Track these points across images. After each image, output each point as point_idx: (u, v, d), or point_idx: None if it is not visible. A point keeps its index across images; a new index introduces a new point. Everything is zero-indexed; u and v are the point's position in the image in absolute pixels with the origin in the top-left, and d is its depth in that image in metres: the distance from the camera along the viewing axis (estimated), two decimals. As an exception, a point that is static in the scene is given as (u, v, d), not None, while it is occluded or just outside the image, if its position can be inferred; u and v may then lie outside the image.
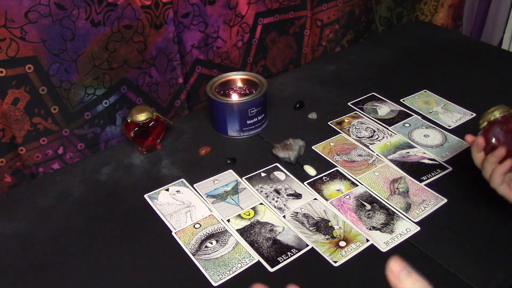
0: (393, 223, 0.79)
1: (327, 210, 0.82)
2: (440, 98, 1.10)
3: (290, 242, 0.76)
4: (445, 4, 1.49)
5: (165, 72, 1.04)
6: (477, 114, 1.04)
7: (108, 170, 0.93)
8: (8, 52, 0.82)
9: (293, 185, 0.88)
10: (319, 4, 1.23)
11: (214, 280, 0.71)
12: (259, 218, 0.81)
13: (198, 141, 1.00)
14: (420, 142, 0.97)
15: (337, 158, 0.94)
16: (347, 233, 0.78)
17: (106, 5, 0.89)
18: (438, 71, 1.22)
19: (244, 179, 0.90)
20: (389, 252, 0.74)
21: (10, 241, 0.79)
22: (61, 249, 0.78)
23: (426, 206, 0.82)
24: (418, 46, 1.34)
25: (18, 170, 0.93)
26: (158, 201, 0.86)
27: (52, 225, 0.82)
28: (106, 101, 0.98)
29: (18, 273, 0.74)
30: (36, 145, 0.93)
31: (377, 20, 1.41)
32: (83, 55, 0.90)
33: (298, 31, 1.23)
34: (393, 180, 0.88)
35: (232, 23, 1.10)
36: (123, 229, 0.81)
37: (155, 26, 0.97)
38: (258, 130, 1.02)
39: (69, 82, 0.91)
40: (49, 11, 0.83)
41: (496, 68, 1.22)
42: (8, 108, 0.86)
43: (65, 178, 0.92)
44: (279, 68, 1.26)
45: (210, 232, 0.79)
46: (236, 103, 0.98)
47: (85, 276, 0.73)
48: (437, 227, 0.79)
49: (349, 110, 1.07)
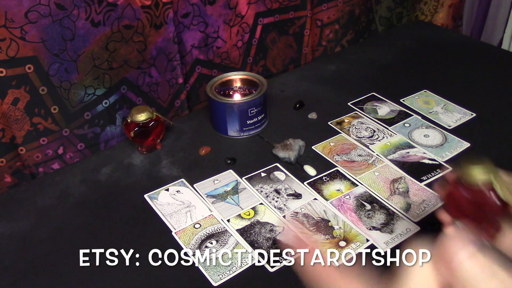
0: (393, 223, 0.79)
1: (327, 210, 0.82)
2: (440, 98, 1.10)
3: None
4: (445, 4, 1.49)
5: (165, 72, 1.04)
6: (477, 114, 1.04)
7: (108, 170, 0.93)
8: (8, 52, 0.82)
9: (293, 185, 0.88)
10: (319, 4, 1.23)
11: (214, 280, 0.71)
12: (259, 218, 0.81)
13: (198, 141, 1.00)
14: (420, 142, 0.97)
15: (337, 158, 0.94)
16: (347, 233, 0.78)
17: (106, 5, 0.89)
18: (438, 71, 1.22)
19: (244, 179, 0.90)
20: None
21: (10, 241, 0.79)
22: (61, 249, 0.78)
23: (426, 206, 0.82)
24: (418, 46, 1.34)
25: (18, 170, 0.93)
26: (158, 201, 0.86)
27: (52, 225, 0.82)
28: (106, 101, 0.98)
29: (18, 273, 0.74)
30: (36, 145, 0.93)
31: (377, 20, 1.41)
32: (83, 55, 0.90)
33: (298, 31, 1.23)
34: (393, 180, 0.88)
35: (232, 23, 1.10)
36: (123, 229, 0.81)
37: (155, 26, 0.97)
38: (258, 130, 1.02)
39: (69, 82, 0.91)
40: (49, 11, 0.83)
41: (496, 68, 1.22)
42: (8, 108, 0.86)
43: (65, 178, 0.92)
44: (279, 68, 1.26)
45: (210, 232, 0.79)
46: (236, 103, 0.98)
47: (85, 276, 0.73)
48: (437, 227, 0.78)
49: (349, 110, 1.07)
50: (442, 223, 0.54)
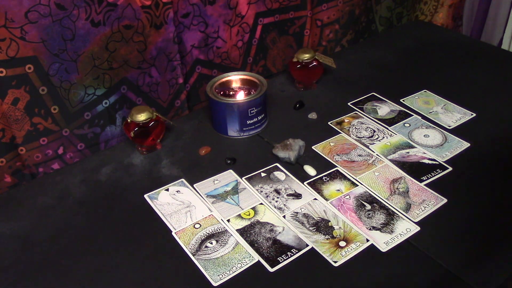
0: (393, 223, 0.79)
1: (327, 210, 0.82)
2: (440, 98, 1.10)
3: (290, 242, 0.76)
4: (445, 4, 1.49)
5: (165, 72, 1.04)
6: (477, 114, 1.04)
7: (108, 170, 0.93)
8: (8, 52, 0.82)
9: (293, 185, 0.88)
10: (319, 4, 1.23)
11: (214, 280, 0.71)
12: (259, 218, 0.81)
13: (198, 141, 1.00)
14: (420, 142, 0.97)
15: (337, 158, 0.94)
16: (347, 233, 0.78)
17: (106, 5, 0.89)
18: (438, 71, 1.22)
19: (244, 179, 0.90)
20: (389, 252, 0.74)
21: (10, 241, 0.79)
22: (61, 249, 0.78)
23: (426, 206, 0.82)
24: (418, 46, 1.34)
25: (18, 170, 0.93)
26: (158, 201, 0.86)
27: (52, 225, 0.82)
28: (106, 101, 0.98)
29: (18, 273, 0.74)
30: (36, 145, 0.93)
31: (377, 20, 1.41)
32: (83, 55, 0.90)
33: (298, 31, 1.23)
34: (393, 180, 0.88)
35: (232, 23, 1.10)
36: (123, 229, 0.81)
37: (155, 26, 0.97)
38: (258, 130, 1.02)
39: (69, 82, 0.91)
40: (49, 11, 0.83)
41: (496, 68, 1.22)
42: (8, 108, 0.86)
43: (65, 178, 0.92)
44: (279, 68, 1.26)
45: (210, 232, 0.79)
46: (236, 103, 0.98)
47: (85, 276, 0.73)
48: (437, 227, 0.79)
49: (349, 110, 1.07)
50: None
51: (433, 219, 0.80)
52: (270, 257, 0.74)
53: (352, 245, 0.75)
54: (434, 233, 0.78)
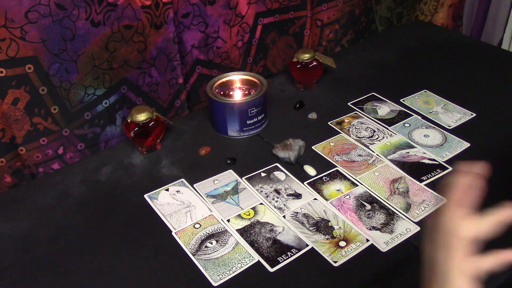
0: (393, 223, 0.79)
1: (327, 210, 0.82)
2: (440, 98, 1.10)
3: (290, 242, 0.76)
4: (445, 4, 1.49)
5: (165, 72, 1.04)
6: (477, 114, 1.04)
7: (108, 170, 0.93)
8: (8, 52, 0.82)
9: (293, 185, 0.88)
10: (319, 4, 1.23)
11: (214, 280, 0.71)
12: (259, 218, 0.81)
13: (198, 141, 1.00)
14: (420, 142, 0.97)
15: (337, 158, 0.94)
16: (347, 233, 0.78)
17: (106, 5, 0.89)
18: (438, 71, 1.22)
19: (244, 179, 0.90)
20: (389, 252, 0.74)
21: (10, 241, 0.79)
22: (61, 249, 0.78)
23: (426, 206, 0.82)
24: (418, 46, 1.34)
25: (18, 170, 0.93)
26: (158, 201, 0.86)
27: (52, 225, 0.82)
28: (106, 101, 0.98)
29: (18, 273, 0.74)
30: (36, 145, 0.93)
31: (377, 20, 1.41)
32: (83, 55, 0.90)
33: (298, 31, 1.23)
34: (393, 180, 0.88)
35: (232, 23, 1.10)
36: (123, 229, 0.81)
37: (155, 26, 0.97)
38: (258, 130, 1.02)
39: (69, 82, 0.91)
40: (49, 11, 0.83)
41: (496, 68, 1.22)
42: (8, 108, 0.86)
43: (65, 178, 0.92)
44: (279, 68, 1.26)
45: (210, 232, 0.79)
46: (236, 103, 0.98)
47: (85, 276, 0.73)
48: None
49: (349, 110, 1.07)
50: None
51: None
52: (270, 257, 0.74)
53: (352, 245, 0.75)
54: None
